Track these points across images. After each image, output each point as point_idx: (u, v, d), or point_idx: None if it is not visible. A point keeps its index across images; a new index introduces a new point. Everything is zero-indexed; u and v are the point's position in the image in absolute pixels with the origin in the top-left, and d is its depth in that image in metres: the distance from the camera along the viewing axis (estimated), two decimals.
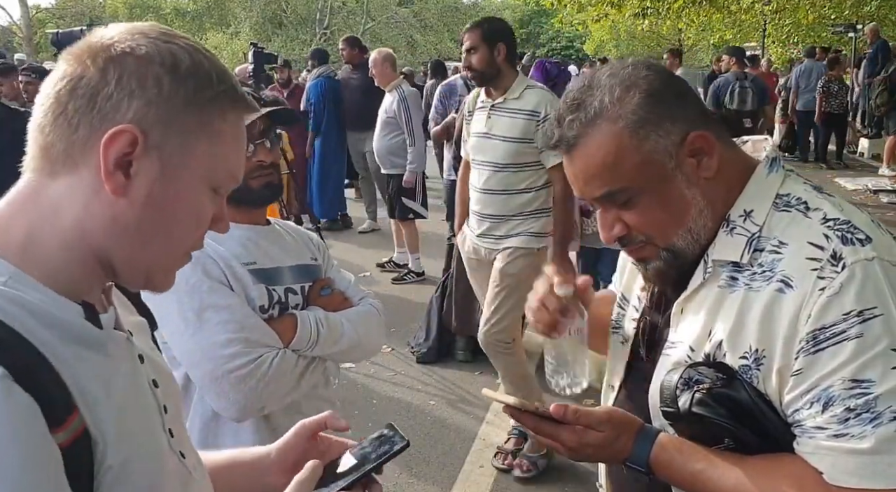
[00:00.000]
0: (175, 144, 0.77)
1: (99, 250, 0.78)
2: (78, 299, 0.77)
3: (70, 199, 0.76)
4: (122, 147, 0.74)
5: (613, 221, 1.12)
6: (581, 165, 1.10)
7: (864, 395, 0.95)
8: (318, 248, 1.82)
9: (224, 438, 1.60)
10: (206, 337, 1.51)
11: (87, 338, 0.76)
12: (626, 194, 1.09)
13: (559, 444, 1.13)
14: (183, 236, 0.82)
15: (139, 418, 0.81)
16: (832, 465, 0.97)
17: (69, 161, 0.76)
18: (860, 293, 0.97)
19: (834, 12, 15.83)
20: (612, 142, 1.06)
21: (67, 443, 0.69)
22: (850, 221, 1.03)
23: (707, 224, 1.10)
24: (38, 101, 0.78)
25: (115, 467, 0.74)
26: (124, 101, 0.75)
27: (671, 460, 1.09)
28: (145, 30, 0.79)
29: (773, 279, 1.03)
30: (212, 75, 0.79)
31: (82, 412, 0.72)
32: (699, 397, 1.03)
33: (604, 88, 1.08)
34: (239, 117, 0.84)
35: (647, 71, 1.09)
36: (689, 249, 1.11)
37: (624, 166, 1.07)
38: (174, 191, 0.78)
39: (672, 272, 1.13)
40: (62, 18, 31.14)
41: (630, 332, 1.27)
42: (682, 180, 1.08)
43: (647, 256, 1.14)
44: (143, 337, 0.91)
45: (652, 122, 1.06)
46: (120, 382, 0.78)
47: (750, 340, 1.03)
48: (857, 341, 0.95)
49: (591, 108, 1.07)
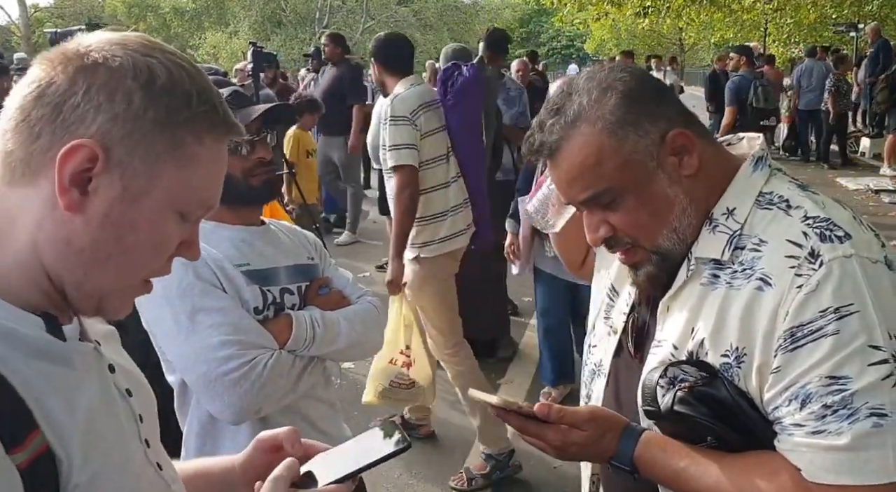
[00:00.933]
0: (140, 165, 0.73)
1: (51, 270, 0.74)
2: (38, 311, 0.74)
3: (26, 211, 0.72)
4: (81, 162, 0.70)
5: (599, 224, 1.13)
6: (565, 168, 1.11)
7: (841, 391, 0.95)
8: (315, 247, 1.79)
9: (222, 441, 1.58)
10: (199, 340, 1.48)
11: (50, 351, 0.73)
12: (610, 195, 1.09)
13: (545, 443, 1.14)
14: (141, 263, 0.77)
15: (109, 432, 0.77)
16: (810, 462, 0.97)
17: (27, 171, 0.72)
18: (837, 290, 0.97)
19: (835, 12, 15.84)
20: (592, 143, 1.08)
21: (26, 463, 0.66)
22: (830, 218, 1.04)
23: (692, 222, 1.11)
24: (6, 103, 0.74)
25: (82, 485, 0.71)
26: (90, 113, 0.71)
27: (655, 458, 1.10)
28: (126, 40, 0.75)
29: (752, 277, 1.04)
30: (191, 94, 0.75)
31: (44, 430, 0.68)
32: (681, 396, 1.04)
33: (582, 92, 1.10)
34: (218, 141, 0.78)
35: (623, 73, 1.11)
36: (675, 249, 1.12)
37: (605, 167, 1.08)
38: (135, 214, 0.74)
39: (663, 276, 1.14)
40: (61, 18, 31.15)
41: (619, 324, 1.27)
42: (664, 179, 1.09)
43: (639, 260, 1.15)
44: (113, 346, 0.88)
45: (630, 122, 1.07)
46: (86, 395, 0.75)
47: (731, 338, 1.04)
48: (833, 338, 0.96)
49: (570, 111, 1.09)
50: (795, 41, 18.82)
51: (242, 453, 1.03)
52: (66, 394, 0.73)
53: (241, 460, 1.02)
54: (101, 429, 0.75)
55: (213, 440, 1.59)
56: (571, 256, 1.54)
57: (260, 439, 1.01)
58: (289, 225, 1.84)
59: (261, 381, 1.49)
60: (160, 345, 1.55)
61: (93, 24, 3.82)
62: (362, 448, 0.92)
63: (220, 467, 1.04)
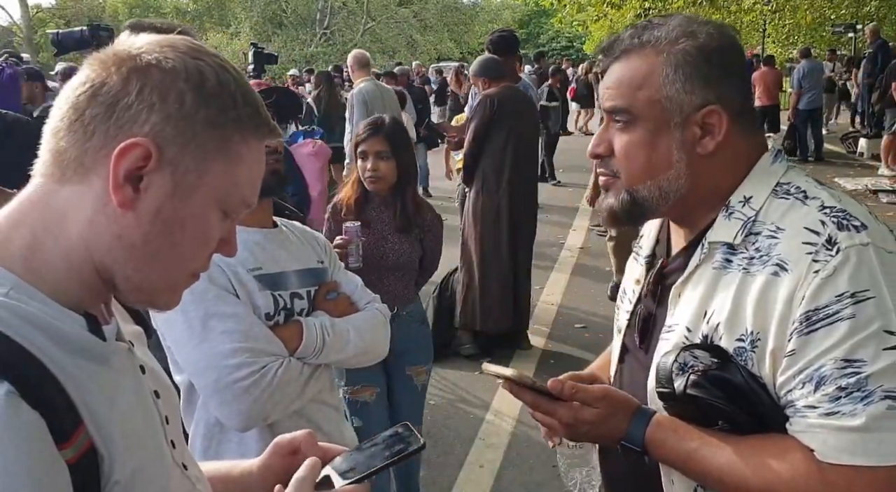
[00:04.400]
0: (190, 163, 0.75)
1: (101, 265, 0.75)
2: (80, 311, 0.75)
3: (77, 208, 0.74)
4: (135, 160, 0.72)
5: (603, 140, 1.17)
6: (615, 75, 1.14)
7: (856, 374, 0.96)
8: (325, 249, 1.79)
9: (228, 445, 1.59)
10: (211, 346, 1.49)
11: (91, 351, 0.75)
12: (626, 116, 1.12)
13: (556, 420, 1.15)
14: (187, 258, 0.79)
15: (145, 431, 0.79)
16: (823, 442, 0.98)
17: (80, 169, 0.73)
18: (854, 276, 0.98)
19: (833, 12, 15.85)
20: (645, 68, 1.11)
21: (74, 459, 0.68)
22: (847, 209, 1.05)
23: (681, 191, 1.12)
24: (56, 104, 0.76)
25: (122, 482, 0.73)
26: (143, 113, 0.73)
27: (666, 440, 1.10)
28: (175, 43, 0.77)
29: (769, 263, 1.05)
30: (237, 97, 0.78)
31: (88, 427, 0.70)
32: (694, 379, 1.05)
33: (670, 26, 1.13)
34: (259, 142, 0.81)
35: (713, 29, 1.13)
36: (650, 202, 1.14)
37: (640, 93, 1.11)
38: (184, 211, 0.76)
39: (623, 216, 1.16)
40: (62, 18, 31.16)
41: (624, 322, 1.30)
42: (676, 140, 1.11)
43: (610, 187, 1.18)
44: (141, 347, 0.90)
45: (686, 73, 1.09)
46: (124, 395, 0.77)
47: (746, 322, 1.05)
48: (849, 322, 0.97)
49: (651, 35, 1.13)
50: (794, 42, 18.82)
51: (260, 457, 1.04)
52: (107, 393, 0.74)
53: (259, 465, 1.03)
54: (138, 428, 0.77)
55: (218, 443, 1.59)
56: None
57: (277, 444, 1.03)
58: (300, 226, 1.84)
59: (270, 389, 1.50)
60: (170, 346, 1.56)
61: (94, 24, 3.83)
62: (378, 449, 0.95)
63: (239, 471, 1.05)
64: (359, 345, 1.67)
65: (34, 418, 0.65)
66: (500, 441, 3.60)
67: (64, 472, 0.67)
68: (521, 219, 4.62)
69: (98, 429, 0.71)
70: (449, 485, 3.32)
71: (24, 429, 0.64)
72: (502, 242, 4.57)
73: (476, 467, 3.44)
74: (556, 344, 4.88)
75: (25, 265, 0.72)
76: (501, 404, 3.96)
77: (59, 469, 0.66)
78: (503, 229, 4.57)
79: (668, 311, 1.17)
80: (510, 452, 3.55)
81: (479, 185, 4.58)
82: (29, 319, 0.69)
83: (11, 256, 0.73)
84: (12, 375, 0.64)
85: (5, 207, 0.76)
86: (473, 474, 3.39)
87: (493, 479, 3.35)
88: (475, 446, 3.61)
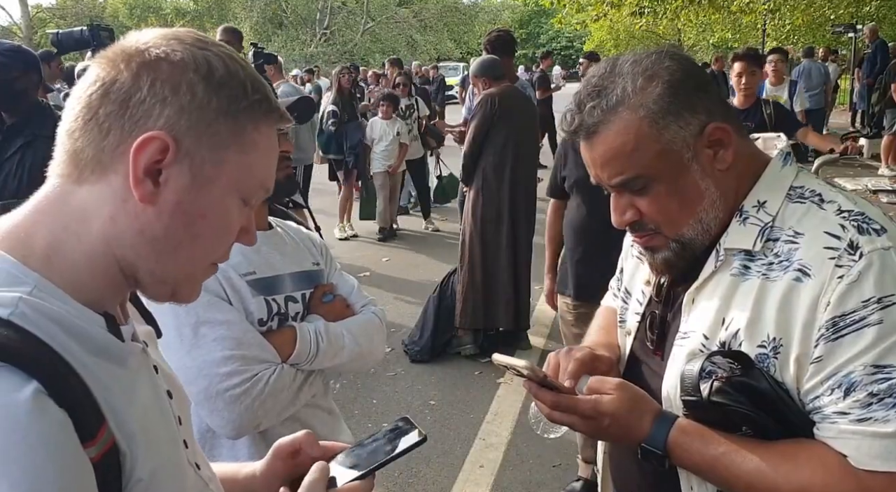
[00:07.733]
0: (207, 153, 0.76)
1: (123, 260, 0.76)
2: (100, 310, 0.75)
3: (97, 206, 0.74)
4: (153, 154, 0.73)
5: (626, 207, 1.14)
6: (600, 152, 1.11)
7: (887, 380, 0.96)
8: (321, 251, 1.76)
9: (220, 450, 1.57)
10: (202, 354, 1.46)
11: (110, 350, 0.75)
12: (642, 182, 1.10)
13: (577, 415, 1.13)
14: (211, 247, 0.80)
15: (162, 431, 0.80)
16: (856, 448, 0.97)
17: (98, 167, 0.74)
18: (879, 281, 0.98)
19: (833, 12, 15.85)
20: (631, 130, 1.08)
21: (98, 457, 0.68)
22: (865, 212, 1.05)
23: (718, 215, 1.11)
24: (68, 105, 0.76)
25: (144, 480, 0.73)
26: (156, 107, 0.73)
27: (690, 444, 1.09)
28: (181, 35, 0.77)
29: (790, 269, 1.04)
30: (246, 85, 0.78)
31: (111, 425, 0.71)
32: (718, 386, 1.04)
33: (626, 76, 1.09)
34: (271, 128, 0.82)
35: (670, 61, 1.10)
36: (697, 239, 1.13)
37: (642, 155, 1.08)
38: (204, 201, 0.76)
39: (680, 263, 1.15)
40: (63, 18, 31.13)
41: (633, 325, 1.28)
42: (697, 171, 1.09)
43: (657, 245, 1.15)
44: (154, 348, 0.90)
45: (672, 112, 1.07)
46: (142, 394, 0.78)
47: (768, 328, 1.04)
48: (877, 328, 0.97)
49: (612, 95, 1.08)
50: (793, 42, 18.81)
51: (262, 461, 1.04)
52: (127, 392, 0.74)
53: (261, 469, 1.03)
54: (156, 428, 0.78)
55: (210, 448, 1.56)
56: None
57: (278, 447, 1.03)
58: (295, 226, 1.81)
59: (262, 397, 1.48)
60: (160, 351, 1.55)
61: (94, 24, 3.81)
62: (380, 444, 0.96)
63: (244, 475, 1.05)
64: (353, 350, 1.64)
65: (62, 417, 0.65)
66: (500, 441, 3.60)
67: (89, 470, 0.67)
68: (522, 218, 4.62)
69: (119, 428, 0.72)
70: (449, 485, 3.32)
71: (52, 428, 0.64)
72: (502, 241, 4.58)
73: (476, 467, 3.44)
74: (556, 344, 4.88)
75: (47, 264, 0.73)
76: (501, 404, 3.96)
77: (85, 468, 0.67)
78: (503, 229, 4.57)
79: (683, 317, 1.16)
80: (510, 452, 3.55)
81: (479, 184, 4.58)
82: (53, 317, 0.70)
83: (33, 255, 0.73)
84: (39, 373, 0.65)
85: (22, 208, 0.76)
86: (473, 474, 3.39)
87: (493, 479, 3.35)
88: (475, 446, 3.62)
